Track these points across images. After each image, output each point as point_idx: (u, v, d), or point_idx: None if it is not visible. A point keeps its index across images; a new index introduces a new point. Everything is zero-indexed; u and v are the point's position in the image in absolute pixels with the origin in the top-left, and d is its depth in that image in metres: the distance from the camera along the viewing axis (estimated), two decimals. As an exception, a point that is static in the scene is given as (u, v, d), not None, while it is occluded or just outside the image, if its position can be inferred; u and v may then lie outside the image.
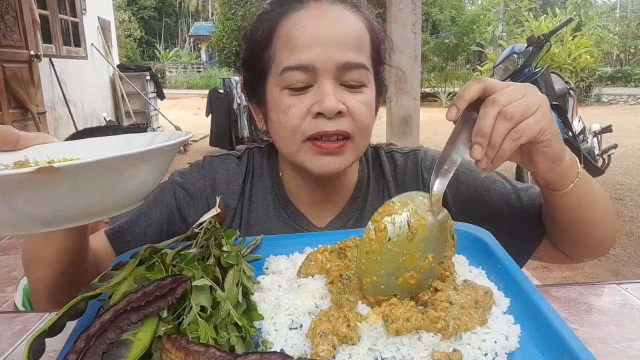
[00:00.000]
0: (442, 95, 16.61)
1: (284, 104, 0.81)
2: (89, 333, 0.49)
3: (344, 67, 0.79)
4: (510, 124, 0.62)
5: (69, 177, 0.47)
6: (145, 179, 0.56)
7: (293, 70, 0.79)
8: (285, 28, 0.82)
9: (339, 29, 0.80)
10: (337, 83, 0.80)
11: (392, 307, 0.57)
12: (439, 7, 17.63)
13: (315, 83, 0.80)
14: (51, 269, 0.78)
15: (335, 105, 0.78)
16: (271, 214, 0.95)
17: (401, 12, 4.52)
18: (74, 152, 0.64)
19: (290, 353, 0.55)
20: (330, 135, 0.81)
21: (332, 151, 0.81)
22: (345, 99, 0.80)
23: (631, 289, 0.79)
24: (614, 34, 17.68)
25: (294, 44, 0.79)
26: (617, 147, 5.16)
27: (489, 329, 0.56)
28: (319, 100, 0.79)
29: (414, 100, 4.74)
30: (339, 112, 0.79)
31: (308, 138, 0.81)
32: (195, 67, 29.28)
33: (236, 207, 0.94)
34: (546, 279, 3.35)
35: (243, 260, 0.67)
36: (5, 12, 5.58)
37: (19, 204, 0.48)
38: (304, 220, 0.94)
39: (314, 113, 0.79)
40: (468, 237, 0.76)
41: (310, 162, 0.83)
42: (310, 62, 0.78)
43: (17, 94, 5.68)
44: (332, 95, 0.78)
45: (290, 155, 0.85)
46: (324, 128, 0.80)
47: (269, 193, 0.96)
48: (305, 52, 0.78)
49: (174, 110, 13.15)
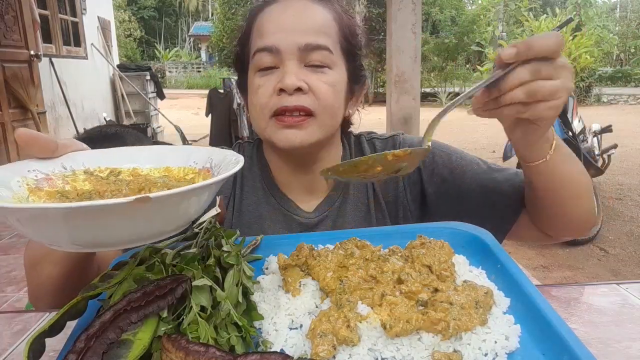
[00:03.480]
0: (442, 95, 16.61)
1: (254, 84, 0.90)
2: (89, 333, 0.49)
3: (305, 48, 0.87)
4: (526, 99, 0.66)
5: (155, 205, 0.44)
6: (203, 204, 0.54)
7: (260, 52, 0.88)
8: (258, 22, 0.92)
9: (302, 16, 0.89)
10: (301, 64, 0.88)
11: (392, 307, 0.57)
12: (439, 7, 17.63)
13: (281, 64, 0.88)
14: (60, 267, 0.78)
15: (294, 81, 0.85)
16: (261, 201, 1.01)
17: (401, 12, 4.52)
18: (108, 161, 0.64)
19: (290, 353, 0.55)
20: (292, 111, 0.87)
21: (293, 124, 0.88)
22: (308, 78, 0.87)
23: (631, 289, 0.79)
24: (614, 34, 17.67)
25: (262, 31, 0.90)
26: (617, 147, 5.16)
27: (489, 329, 0.56)
28: (281, 78, 0.87)
29: (414, 100, 4.74)
30: (299, 89, 0.86)
31: (274, 114, 0.88)
32: (195, 67, 29.27)
33: (230, 194, 1.01)
34: (546, 279, 3.35)
35: (243, 260, 0.67)
36: (5, 12, 5.58)
37: (79, 229, 0.44)
38: (292, 205, 1.00)
39: (277, 90, 0.87)
40: (468, 237, 0.76)
41: (275, 136, 0.89)
42: (274, 44, 0.87)
43: (17, 94, 5.68)
44: (293, 73, 0.86)
45: (261, 132, 0.92)
46: (284, 103, 0.87)
47: (258, 181, 1.02)
48: (270, 36, 0.88)
49: (174, 110, 13.15)
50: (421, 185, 0.99)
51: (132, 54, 26.91)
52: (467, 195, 0.95)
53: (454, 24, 17.27)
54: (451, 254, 0.69)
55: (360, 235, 0.75)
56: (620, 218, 4.62)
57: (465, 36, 16.88)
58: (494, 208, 0.93)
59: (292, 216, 0.99)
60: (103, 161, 0.64)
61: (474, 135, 9.60)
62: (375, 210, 1.00)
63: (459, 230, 0.78)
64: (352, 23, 0.95)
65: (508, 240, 0.96)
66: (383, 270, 0.65)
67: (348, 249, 0.69)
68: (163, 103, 10.37)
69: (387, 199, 1.00)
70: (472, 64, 20.16)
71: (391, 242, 0.74)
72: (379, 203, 1.00)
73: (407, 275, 0.63)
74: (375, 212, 0.99)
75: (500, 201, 0.93)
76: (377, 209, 1.00)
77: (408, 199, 1.00)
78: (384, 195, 1.00)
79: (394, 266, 0.65)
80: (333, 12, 0.92)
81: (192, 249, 0.66)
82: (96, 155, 0.66)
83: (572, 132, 4.42)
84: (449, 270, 0.65)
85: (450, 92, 16.78)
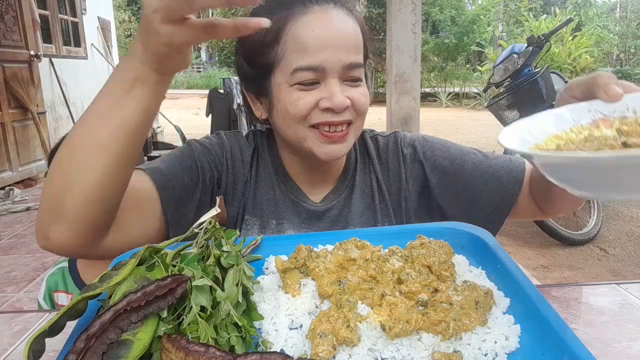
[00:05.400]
0: (442, 95, 16.60)
1: (293, 96, 0.90)
2: (89, 333, 0.49)
3: (348, 67, 0.89)
4: None
5: None
6: None
7: (304, 70, 0.88)
8: (293, 31, 0.89)
9: (344, 33, 0.90)
10: (341, 81, 0.90)
11: (392, 308, 0.57)
12: (439, 7, 17.61)
13: (323, 81, 0.89)
14: (107, 157, 0.71)
15: (343, 101, 0.89)
16: (274, 185, 1.04)
17: (401, 12, 4.52)
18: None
19: (290, 353, 0.55)
20: (337, 125, 0.91)
21: (337, 140, 0.92)
22: (349, 93, 0.91)
23: (631, 289, 0.79)
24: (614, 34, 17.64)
25: (305, 47, 0.88)
26: (617, 147, 5.15)
27: (489, 329, 0.56)
28: (328, 96, 0.88)
29: (414, 100, 4.74)
30: (345, 107, 0.90)
31: (313, 125, 0.91)
32: (195, 67, 29.27)
33: (248, 175, 1.03)
34: (546, 279, 3.35)
35: (243, 260, 0.67)
36: (5, 12, 5.58)
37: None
38: (301, 194, 1.04)
39: (323, 107, 0.89)
40: (468, 237, 0.76)
41: (319, 150, 0.92)
42: (321, 64, 0.88)
43: (17, 94, 5.68)
44: (340, 92, 0.89)
45: (298, 141, 0.94)
46: (332, 119, 0.90)
47: (271, 168, 1.05)
48: (315, 54, 0.87)
49: (174, 110, 13.15)
50: (424, 177, 1.04)
51: (132, 54, 26.81)
52: (469, 183, 1.01)
53: (454, 24, 17.25)
54: (451, 254, 0.69)
55: (360, 235, 0.75)
56: (620, 218, 4.62)
57: (465, 36, 16.86)
58: (495, 192, 0.99)
59: (301, 203, 1.02)
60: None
61: (474, 136, 9.60)
62: (379, 200, 1.04)
63: (459, 230, 0.78)
64: (366, 29, 0.97)
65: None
66: (383, 271, 0.65)
67: (348, 250, 0.70)
68: (163, 103, 10.29)
69: (391, 190, 1.05)
70: (472, 64, 20.15)
71: (391, 242, 0.74)
72: (383, 194, 1.04)
73: (407, 276, 0.63)
74: (379, 203, 1.04)
75: (500, 187, 1.00)
76: (381, 200, 1.04)
77: (410, 191, 1.05)
78: (387, 187, 1.05)
79: (394, 266, 0.65)
80: (358, 22, 0.94)
81: (192, 249, 0.66)
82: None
83: (572, 132, 4.40)
84: (449, 270, 0.65)
85: (450, 92, 16.77)
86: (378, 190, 1.05)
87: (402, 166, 1.05)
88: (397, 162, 1.06)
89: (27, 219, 4.44)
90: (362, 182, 1.06)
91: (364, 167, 1.08)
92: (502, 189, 0.99)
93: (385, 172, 1.06)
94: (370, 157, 1.08)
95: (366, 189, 1.05)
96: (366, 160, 1.08)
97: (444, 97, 16.48)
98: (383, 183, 1.05)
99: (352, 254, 0.68)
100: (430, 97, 16.85)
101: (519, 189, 0.99)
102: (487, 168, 1.01)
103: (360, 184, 1.05)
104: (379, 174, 1.05)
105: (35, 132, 5.97)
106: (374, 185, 1.05)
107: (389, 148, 1.08)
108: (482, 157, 1.03)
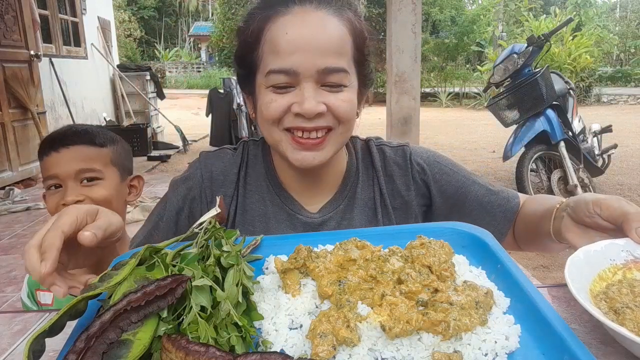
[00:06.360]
0: (442, 95, 16.59)
1: (266, 98, 0.88)
2: (89, 333, 0.49)
3: (324, 71, 0.85)
4: None
5: None
6: None
7: (276, 73, 0.86)
8: (270, 32, 0.87)
9: (320, 35, 0.85)
10: (317, 85, 0.87)
11: (392, 308, 0.57)
12: (439, 7, 17.60)
13: (297, 85, 0.86)
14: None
15: (314, 107, 0.84)
16: (265, 199, 1.01)
17: (401, 12, 4.52)
18: None
19: (290, 353, 0.55)
20: (311, 131, 0.87)
21: (311, 147, 0.88)
22: (326, 99, 0.86)
23: (631, 289, 0.78)
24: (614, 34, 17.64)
25: (277, 50, 0.86)
26: (617, 147, 5.16)
27: (489, 329, 0.56)
28: (299, 101, 0.85)
29: (414, 100, 4.74)
30: (317, 113, 0.86)
31: (287, 128, 0.88)
32: (195, 67, 29.24)
33: (232, 194, 1.01)
34: (546, 279, 3.35)
35: (243, 260, 0.67)
36: (5, 12, 5.58)
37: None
38: (296, 205, 1.01)
39: (294, 112, 0.86)
40: (468, 237, 0.76)
41: (291, 155, 0.90)
42: (292, 67, 0.84)
43: (17, 94, 5.67)
44: (312, 98, 0.85)
45: (274, 144, 0.93)
46: (303, 125, 0.86)
47: (263, 180, 1.02)
48: (287, 58, 0.85)
49: (174, 110, 13.15)
50: (429, 198, 1.04)
51: (132, 54, 26.88)
52: (466, 213, 1.03)
53: (454, 24, 17.24)
54: (451, 254, 0.69)
55: (361, 235, 0.75)
56: (620, 218, 4.61)
57: (465, 36, 16.85)
58: (489, 225, 0.98)
59: (296, 215, 0.99)
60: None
61: (474, 136, 9.60)
62: (382, 215, 1.01)
63: (459, 230, 0.78)
64: (363, 28, 0.93)
65: None
66: (383, 271, 0.65)
67: (348, 250, 0.69)
68: (163, 103, 10.37)
69: (395, 205, 1.02)
70: (472, 64, 20.15)
71: (391, 242, 0.74)
72: (386, 208, 1.02)
73: (407, 276, 0.63)
74: (382, 217, 1.01)
75: (492, 222, 1.02)
76: (384, 214, 1.01)
77: (416, 211, 1.04)
78: (391, 201, 1.02)
79: (394, 266, 0.65)
80: (347, 23, 0.89)
81: (192, 249, 0.66)
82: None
83: (572, 132, 4.42)
84: (449, 270, 0.65)
85: (450, 92, 16.77)
86: (381, 204, 1.01)
87: (410, 183, 1.02)
88: (404, 177, 1.03)
89: (27, 219, 4.43)
90: (364, 194, 1.02)
91: (367, 178, 1.04)
92: (495, 225, 1.02)
93: (390, 186, 1.02)
94: (374, 169, 1.04)
95: (369, 202, 1.02)
96: (370, 171, 1.05)
97: (444, 97, 16.47)
98: (387, 197, 1.02)
99: (352, 254, 0.68)
100: (430, 97, 16.85)
101: (509, 229, 1.03)
102: (486, 204, 1.03)
103: (362, 196, 1.02)
104: (384, 187, 1.02)
105: (35, 132, 5.97)
106: (377, 198, 1.02)
107: (397, 161, 1.04)
108: (485, 191, 1.04)
